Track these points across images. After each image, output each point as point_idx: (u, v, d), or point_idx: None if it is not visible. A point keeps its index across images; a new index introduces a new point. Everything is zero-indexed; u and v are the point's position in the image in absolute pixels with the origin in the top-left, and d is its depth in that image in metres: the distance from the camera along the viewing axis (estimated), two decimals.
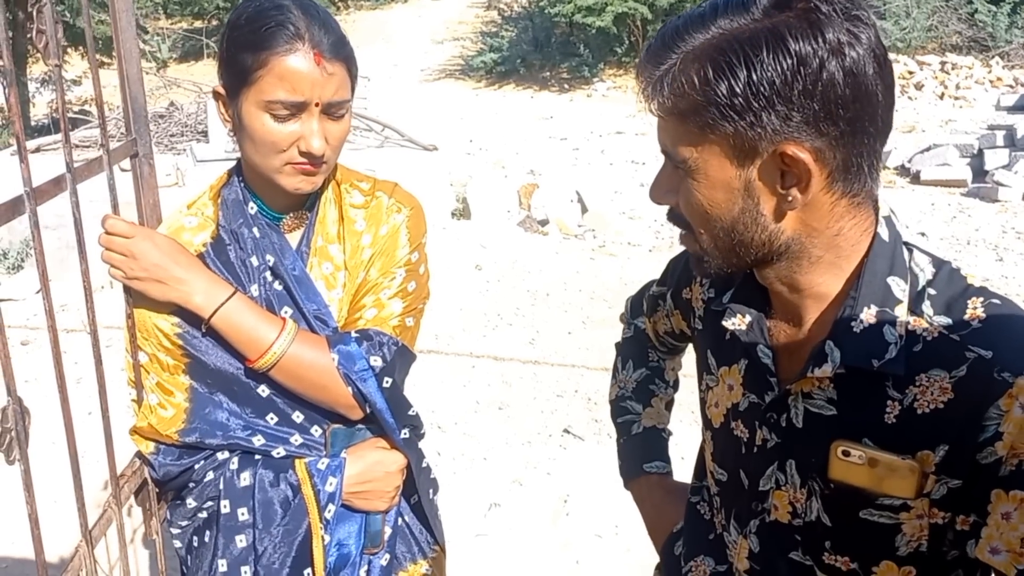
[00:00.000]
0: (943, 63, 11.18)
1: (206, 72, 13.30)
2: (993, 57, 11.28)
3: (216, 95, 1.22)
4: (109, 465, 1.20)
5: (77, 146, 6.61)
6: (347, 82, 1.20)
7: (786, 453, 0.94)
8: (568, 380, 4.09)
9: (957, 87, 10.70)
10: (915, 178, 7.70)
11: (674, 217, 0.92)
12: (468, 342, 4.45)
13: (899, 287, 0.87)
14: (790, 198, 0.83)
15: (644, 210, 7.12)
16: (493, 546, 2.96)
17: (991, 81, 10.73)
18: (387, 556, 1.37)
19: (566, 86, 12.51)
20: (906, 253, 0.89)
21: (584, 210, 7.09)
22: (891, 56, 11.33)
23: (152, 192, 1.30)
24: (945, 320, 0.85)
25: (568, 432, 3.66)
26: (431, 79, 13.25)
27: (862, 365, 0.86)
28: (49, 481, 2.03)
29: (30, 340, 4.63)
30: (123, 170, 2.76)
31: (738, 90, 0.79)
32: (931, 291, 0.87)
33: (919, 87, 10.71)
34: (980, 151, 7.64)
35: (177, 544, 1.32)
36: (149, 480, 1.30)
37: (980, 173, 7.47)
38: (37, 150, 6.92)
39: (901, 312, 0.86)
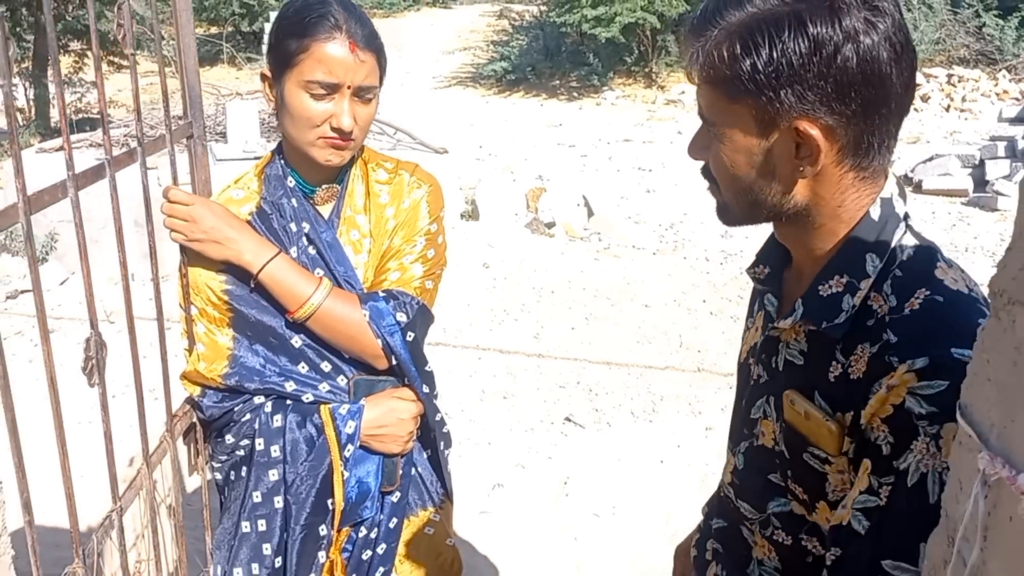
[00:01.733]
0: (950, 76, 11.30)
1: (222, 76, 13.53)
2: (1000, 70, 11.40)
3: (263, 77, 1.42)
4: (165, 402, 1.37)
5: (98, 145, 6.81)
6: (376, 70, 1.39)
7: (769, 390, 1.07)
8: (570, 372, 4.25)
9: (963, 99, 10.82)
10: (917, 187, 7.83)
11: (706, 172, 1.02)
12: (475, 335, 4.62)
13: (872, 264, 0.94)
14: (802, 168, 0.91)
15: (649, 215, 7.29)
16: (496, 523, 3.12)
17: (997, 94, 10.86)
18: (398, 495, 1.54)
19: (575, 94, 12.68)
20: (898, 234, 0.95)
21: (590, 214, 7.25)
22: None
23: (204, 169, 1.47)
24: (893, 302, 0.91)
25: (569, 420, 3.82)
26: (442, 86, 13.46)
27: (814, 324, 0.97)
28: (82, 458, 2.19)
29: (55, 328, 4.82)
30: (149, 169, 2.94)
31: (760, 67, 0.87)
32: (897, 273, 0.93)
33: (925, 99, 10.84)
34: (982, 161, 7.78)
35: (218, 477, 1.49)
36: (197, 423, 1.47)
37: (981, 183, 7.61)
38: (60, 148, 7.12)
39: (865, 286, 0.93)
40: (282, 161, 1.46)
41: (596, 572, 2.89)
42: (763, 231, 1.10)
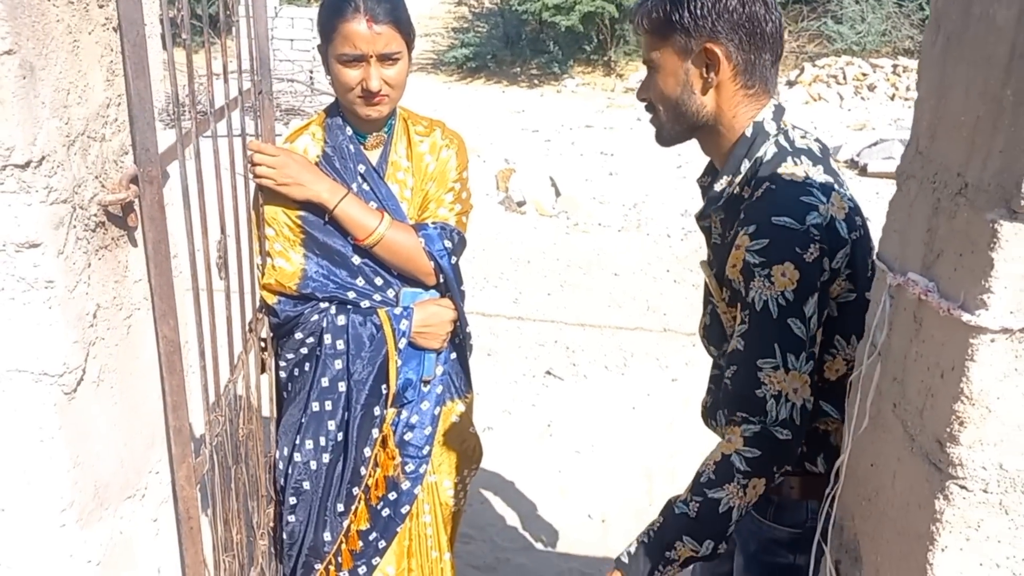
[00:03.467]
0: (895, 66, 11.82)
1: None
2: None
3: (319, 49, 1.72)
4: (252, 307, 1.67)
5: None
6: (397, 37, 1.67)
7: (711, 257, 1.47)
8: (548, 332, 4.59)
9: (908, 88, 11.32)
10: (863, 170, 8.31)
11: (649, 107, 1.42)
12: None
13: (746, 166, 1.35)
14: (710, 79, 1.33)
15: (613, 196, 7.64)
16: (489, 459, 3.42)
17: None
18: (440, 387, 1.88)
19: (536, 82, 12.99)
20: (765, 146, 1.34)
21: (558, 194, 7.58)
22: (846, 59, 11.85)
23: (270, 119, 1.77)
24: (749, 193, 1.34)
25: (550, 373, 4.16)
26: None
27: (710, 212, 1.40)
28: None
29: None
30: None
31: (685, 16, 1.30)
32: (760, 173, 1.34)
33: (872, 88, 11.35)
34: None
35: (282, 375, 1.80)
36: (267, 328, 1.78)
37: None
38: None
39: (738, 180, 1.35)
40: (340, 115, 1.77)
41: (578, 498, 3.23)
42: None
